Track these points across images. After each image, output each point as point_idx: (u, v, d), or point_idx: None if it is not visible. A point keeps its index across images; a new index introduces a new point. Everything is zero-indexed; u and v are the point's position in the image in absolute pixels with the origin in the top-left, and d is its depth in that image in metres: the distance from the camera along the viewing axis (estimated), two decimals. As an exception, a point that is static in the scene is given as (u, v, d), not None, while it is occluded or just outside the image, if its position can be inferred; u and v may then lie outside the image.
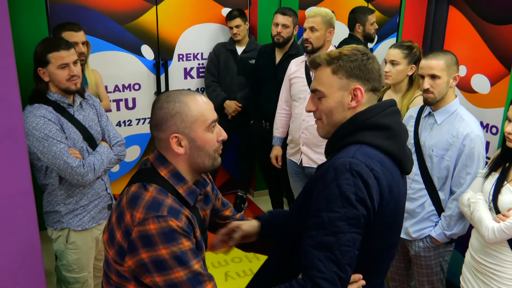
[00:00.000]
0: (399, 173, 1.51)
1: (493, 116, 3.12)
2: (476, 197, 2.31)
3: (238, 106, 4.34)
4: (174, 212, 1.44)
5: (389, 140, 1.48)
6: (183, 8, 4.33)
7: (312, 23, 3.30)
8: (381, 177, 1.40)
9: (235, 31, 4.28)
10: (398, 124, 1.53)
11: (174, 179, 1.53)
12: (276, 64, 3.94)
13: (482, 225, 2.21)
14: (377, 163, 1.42)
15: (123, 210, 1.48)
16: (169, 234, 1.40)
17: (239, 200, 4.78)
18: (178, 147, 1.51)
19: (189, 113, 1.50)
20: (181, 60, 4.45)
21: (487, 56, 3.16)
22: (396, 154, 1.49)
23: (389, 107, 1.53)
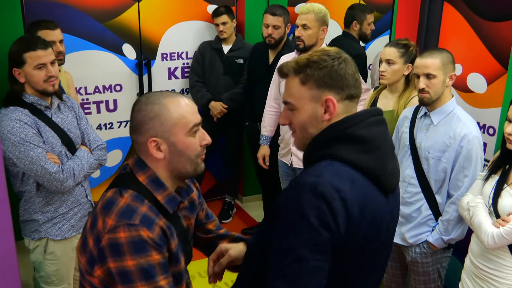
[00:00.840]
0: (378, 192, 1.40)
1: (490, 116, 3.15)
2: (475, 201, 2.33)
3: (223, 108, 4.34)
4: (147, 222, 1.43)
5: (365, 155, 1.37)
6: (166, 5, 4.31)
7: (304, 21, 3.30)
8: (349, 198, 1.30)
9: (221, 28, 4.28)
10: (380, 136, 1.41)
11: (153, 185, 1.51)
12: (270, 64, 3.94)
13: (482, 230, 2.22)
14: (347, 182, 1.32)
15: (96, 216, 1.48)
16: (138, 244, 1.40)
17: (226, 206, 4.78)
18: (157, 152, 1.50)
19: (168, 115, 1.48)
20: (165, 59, 4.44)
21: (483, 54, 3.19)
22: (372, 171, 1.37)
23: (371, 117, 1.42)
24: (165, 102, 1.49)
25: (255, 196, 5.03)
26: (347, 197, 1.30)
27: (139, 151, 1.55)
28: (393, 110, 2.95)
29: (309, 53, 1.47)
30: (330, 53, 1.43)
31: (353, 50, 3.86)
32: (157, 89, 4.44)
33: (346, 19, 4.28)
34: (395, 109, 2.94)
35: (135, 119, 1.52)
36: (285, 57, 3.56)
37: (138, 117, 1.51)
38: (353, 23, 4.24)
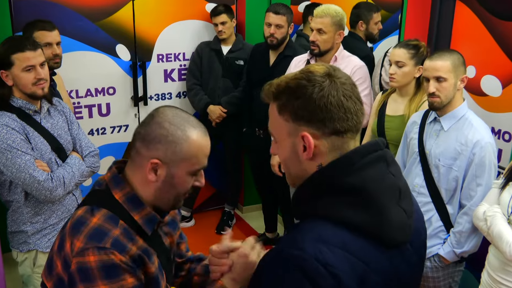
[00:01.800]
0: (381, 249, 1.19)
1: (505, 121, 3.15)
2: (493, 210, 2.32)
3: (222, 112, 4.33)
4: (120, 246, 1.40)
5: (357, 209, 1.17)
6: (163, 4, 4.32)
7: (320, 25, 3.30)
8: (342, 272, 1.11)
9: (220, 28, 4.28)
10: (378, 180, 1.20)
11: (130, 204, 1.48)
12: (271, 65, 3.94)
13: (503, 240, 2.21)
14: (338, 251, 1.13)
15: (64, 237, 1.44)
16: (110, 269, 1.37)
17: (226, 217, 4.77)
18: (150, 173, 1.47)
19: (184, 149, 1.46)
20: (161, 61, 4.44)
21: (498, 56, 3.19)
22: (368, 228, 1.17)
23: (368, 155, 1.21)
24: (189, 134, 1.47)
25: (256, 206, 5.02)
26: (339, 273, 1.11)
27: (134, 159, 1.51)
28: (404, 114, 2.95)
29: (294, 73, 1.28)
30: (312, 76, 1.22)
31: (360, 51, 3.87)
32: (153, 92, 4.45)
33: (352, 18, 4.29)
34: (406, 114, 2.94)
35: (151, 130, 1.47)
36: (296, 60, 3.55)
37: (155, 131, 1.46)
38: (359, 23, 4.24)
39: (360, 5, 4.35)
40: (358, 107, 1.22)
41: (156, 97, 4.50)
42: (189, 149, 1.47)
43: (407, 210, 1.25)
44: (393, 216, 1.20)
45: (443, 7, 3.57)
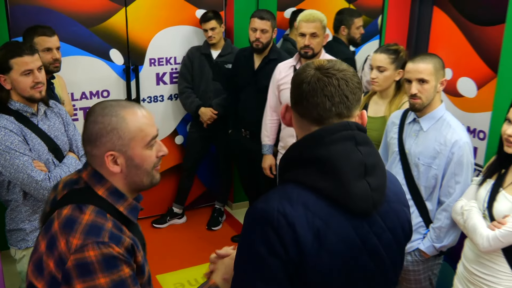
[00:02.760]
0: (343, 215, 1.28)
1: (480, 120, 3.17)
2: (469, 205, 2.34)
3: (213, 114, 4.33)
4: (116, 238, 1.41)
5: (321, 176, 1.28)
6: (154, 10, 4.31)
7: (313, 29, 3.30)
8: (297, 222, 1.23)
9: (210, 34, 4.28)
10: (343, 154, 1.29)
11: (114, 197, 1.49)
12: (256, 69, 3.95)
13: (477, 233, 2.23)
14: (299, 206, 1.25)
15: (55, 236, 1.41)
16: (110, 261, 1.37)
17: (216, 213, 4.76)
18: (113, 166, 1.47)
19: (127, 129, 1.45)
20: (153, 65, 4.43)
21: (473, 59, 3.22)
22: (329, 191, 1.27)
23: (337, 133, 1.31)
24: (123, 114, 1.46)
25: (245, 203, 5.02)
26: (295, 222, 1.23)
27: (93, 163, 1.50)
28: (385, 116, 2.96)
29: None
30: (304, 68, 1.36)
31: (342, 54, 3.89)
32: (145, 94, 4.44)
33: (335, 23, 4.32)
34: (386, 115, 2.95)
35: (90, 130, 1.47)
36: (282, 66, 3.55)
37: (94, 129, 1.46)
38: (341, 28, 4.27)
39: (343, 10, 4.37)
40: (330, 101, 1.31)
41: (149, 99, 4.48)
42: (131, 126, 1.46)
43: (372, 184, 1.31)
44: (355, 186, 1.28)
45: (422, 13, 3.59)
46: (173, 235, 4.53)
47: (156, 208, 4.75)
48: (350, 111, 1.33)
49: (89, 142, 1.48)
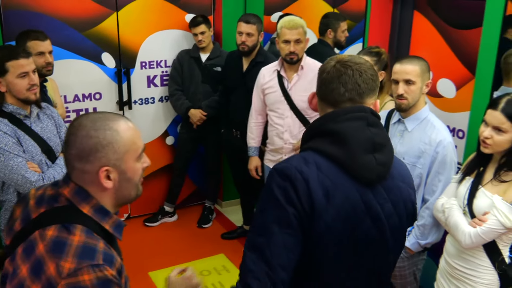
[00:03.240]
0: (351, 181, 1.47)
1: (459, 120, 3.22)
2: (450, 203, 2.36)
3: (203, 115, 4.35)
4: (109, 259, 1.34)
5: (333, 146, 1.48)
6: (145, 15, 4.31)
7: (297, 35, 3.30)
8: (311, 179, 1.43)
9: (199, 38, 4.29)
10: (352, 130, 1.47)
11: (99, 215, 1.40)
12: (244, 71, 3.96)
13: (459, 230, 2.25)
14: (313, 167, 1.45)
15: (42, 260, 1.31)
16: (105, 284, 1.29)
17: (206, 211, 4.77)
18: (106, 181, 1.39)
19: (122, 142, 1.39)
20: (144, 68, 4.43)
21: (452, 61, 3.26)
22: (339, 158, 1.46)
23: (350, 113, 1.50)
24: (115, 127, 1.39)
25: (234, 201, 5.04)
26: (309, 178, 1.43)
27: (81, 180, 1.40)
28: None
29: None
30: (327, 61, 1.59)
31: (328, 56, 3.91)
32: (136, 97, 4.44)
33: (321, 27, 4.35)
34: (369, 115, 2.99)
35: (82, 146, 1.37)
36: (266, 70, 3.55)
37: (87, 144, 1.36)
38: (327, 31, 4.30)
39: (329, 15, 4.40)
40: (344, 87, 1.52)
41: (140, 101, 4.48)
42: (125, 140, 1.40)
43: (378, 159, 1.49)
44: (362, 158, 1.47)
45: (403, 17, 3.63)
46: (165, 233, 4.54)
47: (147, 207, 4.75)
48: (362, 98, 1.53)
49: (80, 158, 1.38)
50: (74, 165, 1.40)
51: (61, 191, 1.41)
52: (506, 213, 2.11)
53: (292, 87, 3.41)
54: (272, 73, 3.50)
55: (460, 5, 3.23)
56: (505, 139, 2.15)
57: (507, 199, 2.14)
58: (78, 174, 1.41)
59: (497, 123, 2.15)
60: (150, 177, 4.67)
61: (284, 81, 3.44)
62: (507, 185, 2.17)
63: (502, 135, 2.15)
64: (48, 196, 1.43)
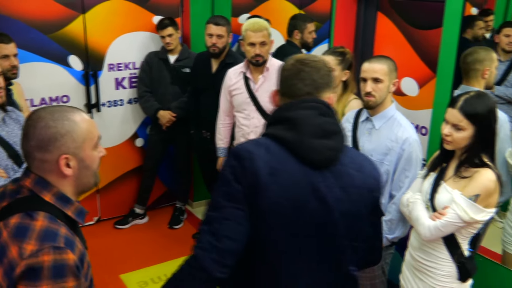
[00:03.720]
0: (299, 164, 1.56)
1: (422, 117, 3.28)
2: (414, 197, 2.39)
3: (172, 116, 4.30)
4: (71, 244, 1.38)
5: (285, 131, 1.58)
6: (112, 17, 4.24)
7: (262, 38, 3.29)
8: (257, 158, 1.54)
9: (167, 40, 4.24)
10: (304, 117, 1.58)
11: (61, 202, 1.46)
12: (213, 73, 3.94)
13: (419, 223, 2.29)
14: (263, 148, 1.57)
15: (5, 246, 1.35)
16: (60, 269, 1.32)
17: (177, 212, 4.73)
18: (66, 169, 1.44)
19: (79, 131, 1.45)
20: (112, 70, 4.36)
21: (414, 60, 3.32)
22: (290, 141, 1.57)
23: (304, 103, 1.61)
24: (73, 118, 1.46)
25: (205, 201, 5.01)
26: (255, 157, 1.54)
27: (41, 170, 1.45)
28: (334, 113, 3.02)
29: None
30: (288, 60, 1.70)
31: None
32: (105, 99, 4.36)
33: (289, 28, 4.37)
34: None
35: (41, 136, 1.42)
36: (232, 71, 3.53)
37: (46, 134, 1.41)
38: (294, 32, 4.32)
39: (296, 16, 4.43)
40: (302, 82, 1.63)
41: (109, 103, 4.41)
42: (82, 129, 1.46)
43: (327, 144, 1.58)
44: (311, 142, 1.57)
45: (367, 18, 3.68)
46: (136, 235, 4.47)
47: (118, 210, 4.68)
48: (318, 92, 1.63)
49: (39, 148, 1.42)
50: (34, 156, 1.44)
51: (22, 184, 1.46)
52: (464, 207, 2.15)
53: (258, 88, 3.41)
54: (238, 75, 3.49)
55: (421, 6, 3.29)
56: (463, 136, 2.19)
57: (466, 194, 2.18)
58: (38, 164, 1.45)
59: (455, 121, 2.19)
60: (120, 180, 4.60)
61: (250, 83, 3.43)
62: (467, 181, 2.21)
63: (460, 132, 2.19)
64: (9, 191, 1.47)
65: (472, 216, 2.15)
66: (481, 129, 2.17)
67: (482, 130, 2.17)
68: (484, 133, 2.17)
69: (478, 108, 2.15)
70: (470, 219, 2.15)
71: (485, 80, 2.89)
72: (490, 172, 2.17)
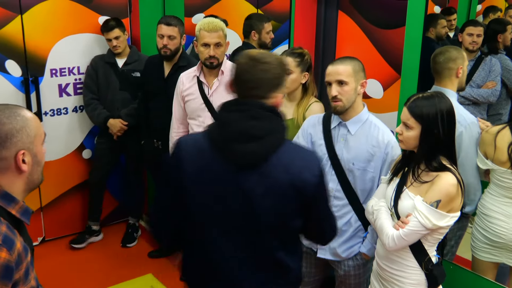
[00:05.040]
0: (220, 160, 1.85)
1: (388, 120, 3.35)
2: (378, 204, 2.44)
3: (123, 125, 4.28)
4: (9, 242, 1.47)
5: (216, 131, 1.89)
6: (53, 18, 4.19)
7: (217, 39, 3.27)
8: (183, 148, 1.93)
9: (114, 43, 4.22)
10: (230, 120, 1.85)
11: (4, 201, 1.55)
12: (166, 77, 3.94)
13: (383, 232, 2.34)
14: (190, 141, 1.97)
15: None
16: None
17: (131, 229, 4.68)
18: (23, 164, 1.56)
19: (32, 126, 1.59)
20: (55, 75, 4.30)
21: (378, 61, 3.42)
22: (216, 141, 1.87)
23: (236, 106, 1.87)
24: (23, 114, 1.59)
25: (161, 216, 4.98)
26: (181, 147, 1.94)
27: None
28: (293, 118, 3.06)
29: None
30: (241, 55, 1.91)
31: None
32: (47, 108, 4.30)
33: (245, 29, 4.40)
34: (295, 117, 3.06)
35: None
36: (185, 75, 3.51)
37: (3, 131, 1.53)
38: (252, 33, 4.37)
39: (252, 16, 4.47)
40: (247, 82, 1.86)
41: (52, 112, 4.34)
42: (33, 124, 1.60)
43: (248, 148, 1.81)
44: (233, 146, 1.83)
45: (327, 17, 3.77)
46: (86, 256, 4.40)
47: (65, 229, 4.61)
48: (264, 92, 1.85)
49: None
50: None
51: None
52: (426, 214, 2.21)
53: (212, 93, 3.38)
54: (191, 80, 3.46)
55: (382, 4, 3.39)
56: (411, 135, 2.28)
57: (427, 200, 2.24)
58: None
59: (404, 119, 2.30)
60: (66, 195, 4.54)
61: (204, 87, 3.41)
62: (428, 185, 2.28)
63: (409, 131, 2.28)
64: None
65: (435, 223, 2.21)
66: (427, 130, 2.25)
67: (428, 131, 2.25)
68: (429, 134, 2.25)
69: (425, 109, 2.24)
70: (433, 226, 2.22)
71: (458, 79, 2.97)
72: (450, 176, 2.24)
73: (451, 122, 2.29)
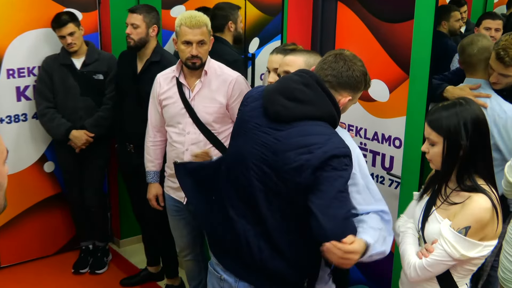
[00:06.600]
0: (261, 109, 2.23)
1: (395, 126, 3.31)
2: (406, 226, 2.38)
3: (89, 136, 4.19)
4: None
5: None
6: (11, 10, 4.15)
7: (201, 36, 3.20)
8: (249, 94, 2.41)
9: (69, 41, 4.11)
10: (286, 79, 2.27)
11: None
12: (138, 73, 3.89)
13: (405, 260, 2.26)
14: (256, 90, 2.37)
15: None
16: None
17: (100, 253, 4.60)
18: None
19: None
20: (12, 76, 4.25)
21: (383, 59, 3.37)
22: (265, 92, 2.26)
23: (301, 71, 2.26)
24: None
25: (135, 238, 4.93)
26: (251, 92, 2.45)
27: None
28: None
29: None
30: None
31: (228, 56, 3.89)
32: (3, 114, 4.25)
33: (219, 22, 4.21)
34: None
35: None
36: (162, 77, 3.44)
37: None
38: (228, 25, 4.23)
39: (222, 6, 4.33)
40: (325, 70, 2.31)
41: (8, 119, 4.27)
42: None
43: (284, 103, 2.17)
44: (272, 95, 2.21)
45: (325, 10, 3.72)
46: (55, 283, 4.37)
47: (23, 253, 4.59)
48: (336, 84, 2.28)
49: None
50: None
51: None
52: (452, 243, 2.12)
53: (194, 96, 3.30)
54: (170, 81, 3.38)
55: (388, -6, 3.35)
56: (437, 152, 2.22)
57: (455, 225, 2.15)
58: None
59: (426, 135, 2.26)
60: (25, 215, 4.49)
61: (184, 90, 3.33)
62: (458, 208, 2.19)
63: (433, 147, 2.23)
64: None
65: (463, 253, 2.11)
66: (450, 144, 2.18)
67: (451, 144, 2.18)
68: (453, 148, 2.18)
69: (445, 120, 2.18)
70: (461, 256, 2.12)
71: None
72: (483, 198, 2.15)
73: (480, 133, 2.21)
